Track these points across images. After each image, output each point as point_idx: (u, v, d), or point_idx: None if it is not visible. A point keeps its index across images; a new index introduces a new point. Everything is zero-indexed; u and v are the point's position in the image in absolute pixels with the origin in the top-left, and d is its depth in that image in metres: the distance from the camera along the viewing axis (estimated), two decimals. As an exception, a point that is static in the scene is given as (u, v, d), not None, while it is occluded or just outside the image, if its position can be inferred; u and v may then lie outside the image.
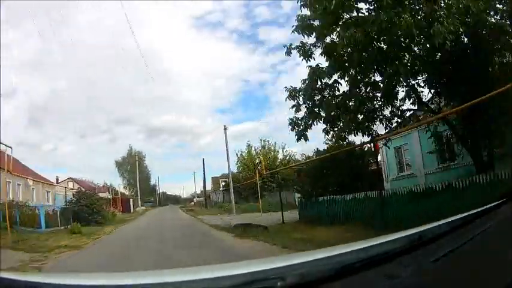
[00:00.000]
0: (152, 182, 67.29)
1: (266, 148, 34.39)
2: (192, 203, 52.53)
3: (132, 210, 37.30)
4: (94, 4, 48.26)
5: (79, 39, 47.84)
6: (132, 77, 69.99)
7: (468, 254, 1.24)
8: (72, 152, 65.61)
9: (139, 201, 45.27)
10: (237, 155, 34.89)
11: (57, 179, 34.28)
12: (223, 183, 40.75)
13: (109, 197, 34.49)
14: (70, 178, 38.20)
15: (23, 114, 60.65)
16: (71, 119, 67.51)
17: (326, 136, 10.26)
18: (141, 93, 72.99)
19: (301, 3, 8.36)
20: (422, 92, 9.07)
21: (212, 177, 50.50)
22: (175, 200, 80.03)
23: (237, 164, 35.45)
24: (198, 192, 69.67)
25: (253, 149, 34.98)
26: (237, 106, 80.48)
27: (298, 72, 58.53)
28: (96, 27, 55.03)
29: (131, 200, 41.24)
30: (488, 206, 1.66)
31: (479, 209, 1.62)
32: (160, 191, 74.05)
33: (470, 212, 1.61)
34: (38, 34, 50.63)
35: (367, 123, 9.11)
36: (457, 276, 1.10)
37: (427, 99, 9.18)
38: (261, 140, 34.59)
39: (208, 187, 56.88)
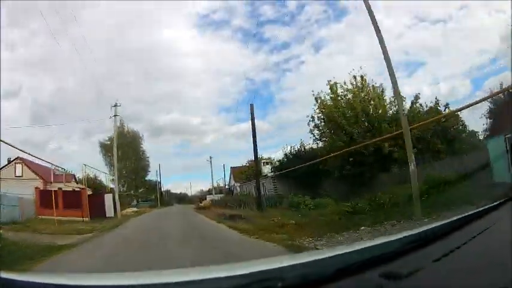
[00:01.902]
0: (152, 178, 52.22)
1: (364, 93, 17.24)
2: (208, 202, 36.55)
3: (112, 214, 20.49)
4: (100, 1, 48.40)
5: (85, 36, 47.75)
6: (138, 75, 69.39)
7: (468, 254, 1.24)
8: (76, 150, 64.11)
9: (117, 197, 23.27)
10: (316, 99, 17.28)
11: (8, 161, 23.50)
12: (276, 164, 24.32)
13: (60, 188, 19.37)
14: (19, 158, 22.79)
15: (28, 111, 60.15)
16: (74, 117, 67.44)
17: None
18: (146, 91, 72.52)
19: None
20: None
21: (232, 167, 39.94)
22: (180, 198, 71.31)
23: (311, 121, 17.82)
24: (205, 189, 59.89)
25: (339, 91, 17.37)
26: (241, 105, 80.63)
27: (302, 70, 57.78)
28: (102, 25, 55.06)
29: (109, 196, 21.94)
30: (488, 206, 1.67)
31: (479, 209, 1.63)
32: (160, 186, 56.03)
33: (470, 212, 1.62)
34: (43, 32, 50.77)
35: None
36: (457, 276, 1.09)
37: None
38: (354, 78, 17.15)
39: (219, 184, 45.20)
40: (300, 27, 53.00)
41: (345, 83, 17.15)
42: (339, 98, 17.12)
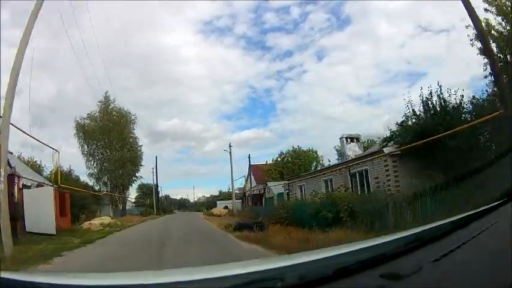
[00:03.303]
0: (149, 182, 43.03)
1: None
2: (222, 210, 29.47)
3: (46, 229, 10.63)
4: (102, 5, 48.29)
5: (86, 40, 47.49)
6: (139, 79, 68.92)
7: (468, 254, 1.23)
8: (75, 154, 63.17)
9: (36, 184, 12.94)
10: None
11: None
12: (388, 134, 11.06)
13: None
14: None
15: (28, 114, 59.36)
16: (72, 120, 66.88)
17: None
18: (147, 97, 71.92)
19: None
20: None
21: (252, 165, 33.37)
22: (181, 205, 69.43)
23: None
24: (207, 195, 57.22)
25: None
26: (243, 112, 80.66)
27: (304, 78, 57.46)
28: (103, 29, 54.88)
29: (40, 193, 12.10)
30: (488, 206, 1.67)
31: (479, 209, 1.63)
32: (157, 188, 44.53)
33: (470, 212, 1.62)
34: (43, 34, 50.52)
35: None
36: (457, 276, 1.09)
37: None
38: None
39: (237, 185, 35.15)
40: (303, 35, 53.12)
41: None
42: None
